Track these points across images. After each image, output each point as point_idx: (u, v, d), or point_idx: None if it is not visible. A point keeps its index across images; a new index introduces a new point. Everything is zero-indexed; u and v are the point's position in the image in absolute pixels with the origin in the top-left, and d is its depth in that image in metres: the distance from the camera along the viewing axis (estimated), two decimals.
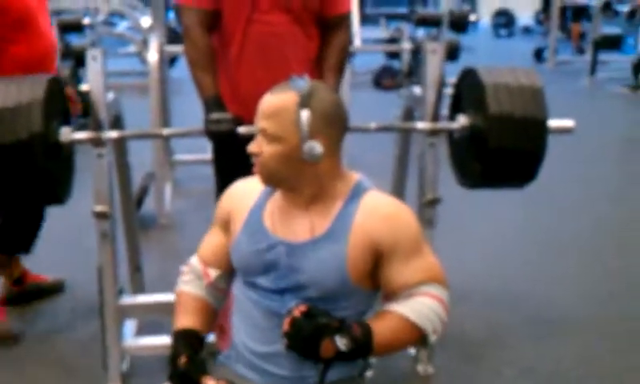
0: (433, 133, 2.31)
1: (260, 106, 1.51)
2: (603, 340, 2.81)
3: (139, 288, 2.91)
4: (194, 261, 1.69)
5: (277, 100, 1.48)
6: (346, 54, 2.39)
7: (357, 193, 1.55)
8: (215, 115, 2.18)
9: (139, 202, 3.95)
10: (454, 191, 2.42)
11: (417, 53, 6.56)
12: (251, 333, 1.57)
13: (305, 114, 1.45)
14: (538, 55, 11.50)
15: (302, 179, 1.51)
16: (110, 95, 2.32)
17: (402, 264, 1.51)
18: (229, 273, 1.67)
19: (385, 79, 8.85)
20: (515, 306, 3.09)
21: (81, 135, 2.13)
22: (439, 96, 2.31)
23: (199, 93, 2.25)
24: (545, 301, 3.14)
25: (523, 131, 2.13)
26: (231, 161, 2.46)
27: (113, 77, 8.88)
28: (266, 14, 2.28)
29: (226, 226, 1.65)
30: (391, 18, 12.22)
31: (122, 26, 10.87)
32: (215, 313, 1.67)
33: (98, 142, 2.17)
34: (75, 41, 6.55)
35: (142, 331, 2.67)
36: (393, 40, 9.13)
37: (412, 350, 2.55)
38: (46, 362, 2.62)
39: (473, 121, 2.22)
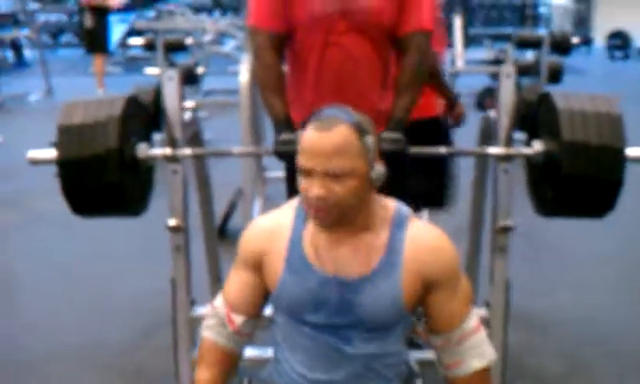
0: (506, 158, 2.26)
1: (314, 148, 1.44)
2: None
3: None
4: (219, 304, 1.65)
5: (337, 136, 1.43)
6: (417, 74, 2.29)
7: (400, 221, 1.55)
8: (284, 136, 2.21)
9: (227, 216, 4.06)
10: None
11: (517, 75, 6.40)
12: (307, 362, 1.57)
13: (371, 140, 1.47)
14: None
15: (361, 208, 1.51)
16: (188, 114, 2.40)
17: (449, 294, 1.55)
18: (255, 317, 1.64)
19: (488, 100, 8.68)
20: (600, 341, 2.95)
21: (156, 152, 2.22)
22: (513, 121, 2.26)
23: (269, 114, 2.28)
24: (634, 338, 2.97)
25: (598, 160, 2.05)
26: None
27: (220, 94, 9.18)
28: (342, 35, 2.26)
29: (256, 267, 1.60)
30: (497, 38, 12.02)
31: (230, 46, 11.21)
32: (238, 357, 1.66)
33: (172, 159, 2.25)
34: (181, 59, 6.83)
35: None
36: (497, 61, 8.95)
37: None
38: (124, 370, 2.73)
39: (547, 147, 2.17)
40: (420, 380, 1.71)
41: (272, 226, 1.60)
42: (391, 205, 1.58)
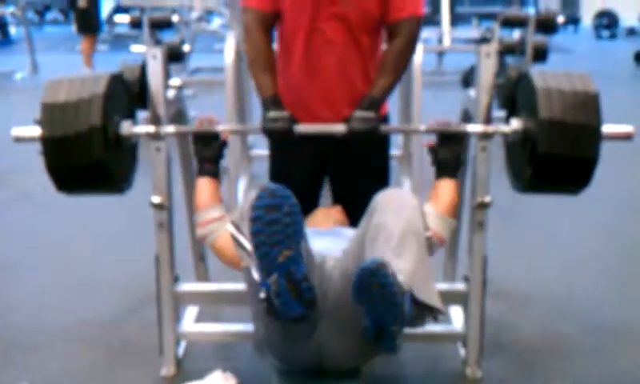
0: (484, 136, 2.30)
1: None
2: None
3: (203, 277, 3.02)
4: None
5: None
6: (402, 59, 2.37)
7: None
8: (272, 114, 2.24)
9: None
10: None
11: (503, 54, 6.44)
12: None
13: None
14: (639, 58, 11.03)
15: None
16: (172, 92, 2.42)
17: None
18: None
19: (473, 79, 8.70)
20: (579, 316, 2.98)
21: (140, 129, 2.24)
22: (491, 99, 2.30)
23: (258, 92, 2.32)
24: (613, 314, 3.00)
25: (574, 137, 2.09)
26: (286, 162, 2.53)
27: (206, 72, 9.14)
28: (325, 22, 2.32)
29: None
30: (484, 17, 12.02)
31: (216, 23, 11.18)
32: None
33: (155, 136, 2.28)
34: (167, 37, 6.81)
35: (204, 318, 2.77)
36: (484, 40, 8.97)
37: (462, 352, 2.55)
38: (110, 346, 2.75)
39: (525, 125, 2.21)
40: None
41: None
42: None
